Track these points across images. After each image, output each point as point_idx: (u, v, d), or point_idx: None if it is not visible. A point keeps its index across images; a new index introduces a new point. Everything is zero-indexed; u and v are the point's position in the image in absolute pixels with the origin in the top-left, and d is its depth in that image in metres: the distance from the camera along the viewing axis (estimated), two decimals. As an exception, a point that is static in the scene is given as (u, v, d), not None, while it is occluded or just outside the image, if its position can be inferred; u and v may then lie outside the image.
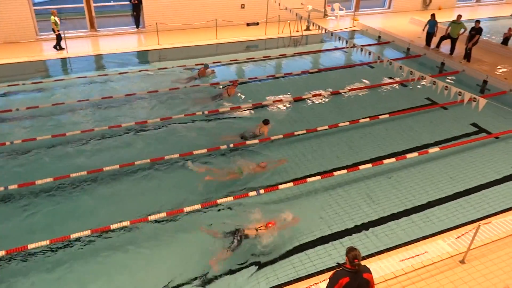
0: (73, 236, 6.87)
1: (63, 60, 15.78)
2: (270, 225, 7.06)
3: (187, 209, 7.52)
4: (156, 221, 7.41)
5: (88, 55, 16.29)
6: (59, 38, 16.16)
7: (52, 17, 15.66)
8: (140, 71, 14.74)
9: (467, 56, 15.22)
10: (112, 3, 21.04)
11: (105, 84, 13.62)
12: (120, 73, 14.35)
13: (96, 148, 9.88)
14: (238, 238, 6.87)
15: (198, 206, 7.59)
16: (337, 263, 4.95)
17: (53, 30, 15.97)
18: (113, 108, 11.87)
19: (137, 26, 19.06)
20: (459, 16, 15.45)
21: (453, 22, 15.51)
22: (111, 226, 7.09)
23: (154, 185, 8.60)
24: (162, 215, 7.40)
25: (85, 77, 14.03)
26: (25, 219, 7.62)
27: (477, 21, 14.97)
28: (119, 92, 12.81)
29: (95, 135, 10.32)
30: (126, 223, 7.16)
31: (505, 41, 17.09)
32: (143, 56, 16.65)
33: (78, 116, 11.41)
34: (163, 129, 10.75)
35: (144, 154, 9.41)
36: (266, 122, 10.41)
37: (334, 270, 4.90)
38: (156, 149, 9.74)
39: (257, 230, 6.99)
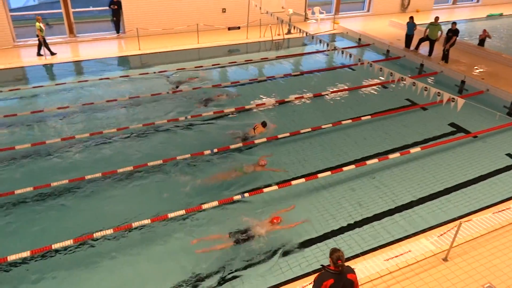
0: (55, 246, 6.72)
1: (42, 67, 15.50)
2: (275, 220, 7.31)
3: (171, 215, 7.45)
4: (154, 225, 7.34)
5: (67, 61, 16.02)
6: (45, 43, 15.88)
7: (37, 24, 15.42)
8: (121, 76, 14.58)
9: (445, 57, 15.55)
10: (91, 8, 20.79)
11: (85, 90, 13.40)
12: (100, 79, 14.17)
13: (77, 156, 9.71)
14: (245, 236, 7.01)
15: (182, 212, 7.52)
16: (321, 265, 4.97)
17: (38, 36, 15.68)
18: (94, 115, 11.70)
19: (117, 32, 18.87)
20: (437, 18, 15.79)
21: (431, 24, 15.85)
22: (93, 234, 6.98)
23: (144, 191, 8.54)
24: (146, 221, 7.31)
25: (65, 83, 13.81)
26: (4, 230, 7.43)
27: (454, 23, 15.32)
28: (100, 98, 12.64)
29: (76, 143, 10.15)
30: (109, 231, 7.05)
31: (481, 43, 17.51)
32: (124, 62, 16.49)
33: (58, 124, 11.21)
34: (147, 135, 10.66)
35: (130, 160, 9.33)
36: (264, 124, 10.58)
37: (319, 272, 4.92)
38: (141, 155, 9.66)
39: (262, 226, 7.18)
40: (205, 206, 7.70)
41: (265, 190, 8.25)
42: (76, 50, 17.31)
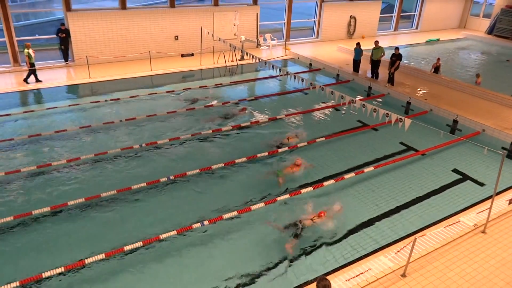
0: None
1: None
2: (322, 214, 8.10)
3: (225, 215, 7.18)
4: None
5: (11, 91, 15.27)
6: (33, 70, 15.69)
7: (26, 50, 15.04)
8: (70, 105, 14.07)
9: (391, 80, 16.39)
10: (37, 36, 20.10)
11: (32, 121, 12.78)
12: (48, 108, 13.60)
13: (21, 191, 9.13)
14: (300, 229, 7.76)
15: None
16: None
17: (27, 63, 15.41)
18: (42, 146, 11.15)
19: (66, 60, 18.32)
20: (377, 42, 16.80)
21: (374, 48, 16.77)
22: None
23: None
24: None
25: (9, 114, 13.10)
26: None
27: (397, 48, 16.28)
28: (48, 129, 12.09)
29: (22, 176, 9.58)
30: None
31: (436, 70, 18.39)
32: (73, 90, 15.93)
33: (2, 157, 10.55)
34: (98, 163, 10.29)
35: (77, 193, 8.92)
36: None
37: None
38: (91, 186, 9.27)
39: (312, 220, 7.98)
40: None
41: (225, 216, 8.14)
42: (21, 80, 16.51)
